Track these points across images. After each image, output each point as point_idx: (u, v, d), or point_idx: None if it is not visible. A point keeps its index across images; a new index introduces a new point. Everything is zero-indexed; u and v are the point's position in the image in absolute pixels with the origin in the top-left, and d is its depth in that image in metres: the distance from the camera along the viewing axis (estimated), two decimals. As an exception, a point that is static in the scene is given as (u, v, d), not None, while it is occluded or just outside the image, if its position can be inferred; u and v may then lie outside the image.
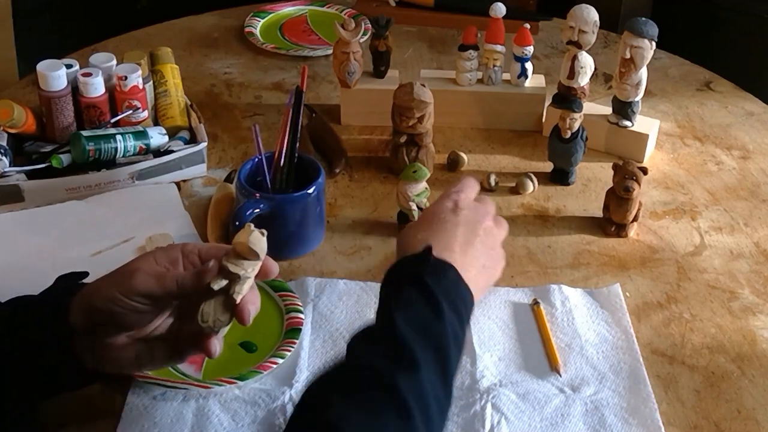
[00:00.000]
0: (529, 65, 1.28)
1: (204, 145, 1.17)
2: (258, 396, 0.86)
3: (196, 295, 0.71)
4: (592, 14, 1.19)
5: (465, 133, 1.31)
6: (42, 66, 1.14)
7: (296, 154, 1.05)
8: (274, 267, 0.74)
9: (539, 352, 0.93)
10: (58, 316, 0.73)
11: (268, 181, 1.05)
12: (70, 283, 0.82)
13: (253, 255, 0.70)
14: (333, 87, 1.39)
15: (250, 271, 0.70)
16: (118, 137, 1.13)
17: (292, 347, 0.91)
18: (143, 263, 0.73)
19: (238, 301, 0.70)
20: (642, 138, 1.24)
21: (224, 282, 0.70)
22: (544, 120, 1.30)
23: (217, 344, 0.73)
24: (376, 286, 1.01)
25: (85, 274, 0.93)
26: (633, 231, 1.11)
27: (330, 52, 1.35)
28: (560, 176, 1.20)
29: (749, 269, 1.06)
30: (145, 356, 0.75)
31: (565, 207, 1.16)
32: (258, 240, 0.70)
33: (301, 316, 0.95)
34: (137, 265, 0.72)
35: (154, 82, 1.23)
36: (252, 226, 0.70)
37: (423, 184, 1.06)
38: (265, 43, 1.52)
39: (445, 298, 0.71)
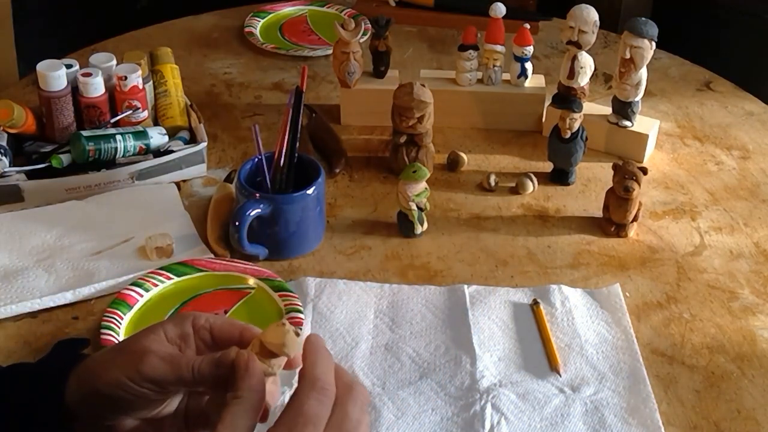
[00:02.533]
0: (529, 65, 1.28)
1: (204, 145, 1.17)
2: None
3: (212, 383, 0.62)
4: (592, 14, 1.19)
5: (465, 133, 1.31)
6: (42, 66, 1.14)
7: (296, 154, 1.05)
8: (299, 362, 0.62)
9: (539, 352, 0.93)
10: (55, 395, 0.64)
11: (268, 181, 1.05)
12: (67, 355, 0.72)
13: (284, 354, 0.60)
14: (333, 87, 1.39)
15: (275, 368, 0.61)
16: (118, 137, 1.13)
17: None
18: (153, 342, 0.63)
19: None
20: (642, 138, 1.24)
21: None
22: (544, 120, 1.30)
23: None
24: (376, 286, 1.01)
25: (85, 342, 0.90)
26: (633, 231, 1.11)
27: (330, 52, 1.35)
28: (560, 176, 1.20)
29: (749, 269, 1.06)
30: None
31: (565, 207, 1.16)
32: (293, 343, 0.59)
33: (301, 316, 0.95)
34: (147, 345, 0.62)
35: (154, 82, 1.23)
36: (286, 324, 0.60)
37: (423, 184, 1.06)
38: (265, 43, 1.52)
39: None
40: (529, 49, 1.26)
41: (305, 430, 0.56)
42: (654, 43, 1.16)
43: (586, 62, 1.23)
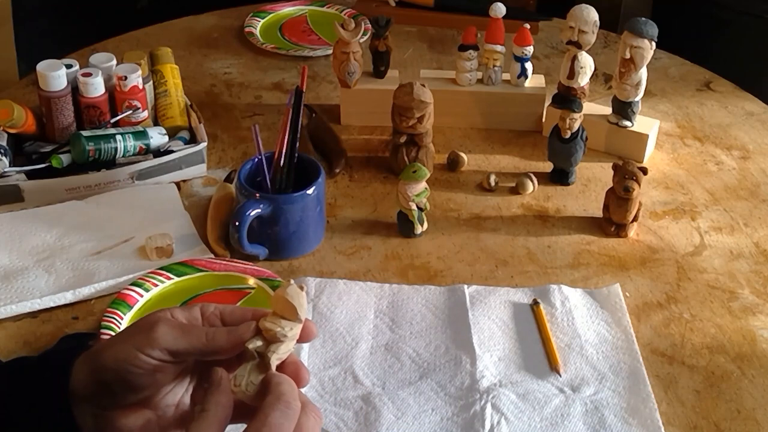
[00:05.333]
0: (529, 65, 1.28)
1: (204, 145, 1.17)
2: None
3: (224, 356, 0.64)
4: (592, 14, 1.19)
5: (465, 133, 1.31)
6: (42, 66, 1.14)
7: (296, 154, 1.05)
8: (314, 328, 0.65)
9: (539, 352, 0.93)
10: (58, 381, 0.64)
11: (268, 181, 1.05)
12: (73, 343, 0.75)
13: (293, 313, 0.63)
14: (333, 87, 1.39)
15: (288, 330, 0.62)
16: (118, 137, 1.13)
17: (292, 347, 0.91)
18: (161, 317, 0.64)
19: (273, 364, 0.63)
20: (642, 138, 1.24)
21: (260, 343, 0.63)
22: (544, 120, 1.30)
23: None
24: (376, 286, 1.01)
25: (93, 335, 0.89)
26: (633, 231, 1.11)
27: (330, 52, 1.35)
28: (560, 176, 1.20)
29: (749, 269, 1.06)
30: (154, 427, 0.66)
31: (565, 207, 1.16)
32: (297, 295, 0.62)
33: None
34: (155, 318, 0.63)
35: (154, 82, 1.23)
36: (292, 281, 0.64)
37: (423, 184, 1.06)
38: (265, 43, 1.52)
39: None
40: (529, 49, 1.26)
41: None
42: (654, 43, 1.16)
43: (586, 62, 1.23)
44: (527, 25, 1.26)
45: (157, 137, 1.17)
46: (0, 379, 0.66)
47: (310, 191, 1.02)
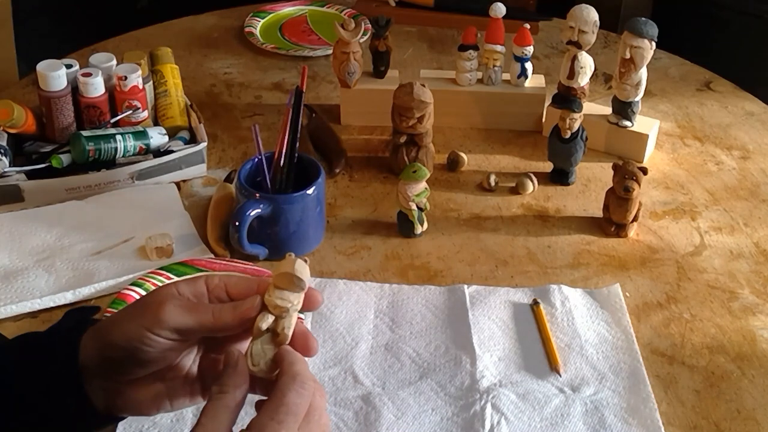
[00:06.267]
0: (529, 65, 1.28)
1: (204, 145, 1.17)
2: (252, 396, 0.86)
3: (231, 332, 0.65)
4: (592, 14, 1.19)
5: (465, 133, 1.31)
6: (42, 66, 1.14)
7: (296, 154, 1.05)
8: (319, 296, 0.67)
9: (539, 352, 0.93)
10: (68, 356, 0.65)
11: (268, 181, 1.05)
12: (79, 317, 0.76)
13: (297, 285, 0.64)
14: (333, 87, 1.39)
15: (296, 303, 0.64)
16: (118, 137, 1.13)
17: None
18: (167, 295, 0.65)
19: (288, 337, 0.64)
20: (642, 138, 1.24)
21: (272, 319, 0.64)
22: (544, 120, 1.30)
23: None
24: (376, 286, 1.01)
25: (97, 308, 0.90)
26: (633, 231, 1.11)
27: (330, 52, 1.35)
28: (560, 176, 1.20)
29: (749, 269, 1.06)
30: (164, 398, 0.68)
31: (565, 207, 1.16)
32: (303, 268, 0.64)
33: (302, 316, 0.95)
34: (162, 297, 0.64)
35: (154, 82, 1.23)
36: (293, 255, 0.65)
37: (423, 184, 1.06)
38: (265, 43, 1.52)
39: None
40: (529, 49, 1.26)
41: (287, 418, 0.59)
42: (654, 43, 1.16)
43: (586, 62, 1.23)
44: (527, 25, 1.26)
45: (157, 137, 1.17)
46: (9, 355, 0.67)
47: (310, 191, 1.02)
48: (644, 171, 1.08)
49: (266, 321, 0.64)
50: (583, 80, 1.25)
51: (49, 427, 0.67)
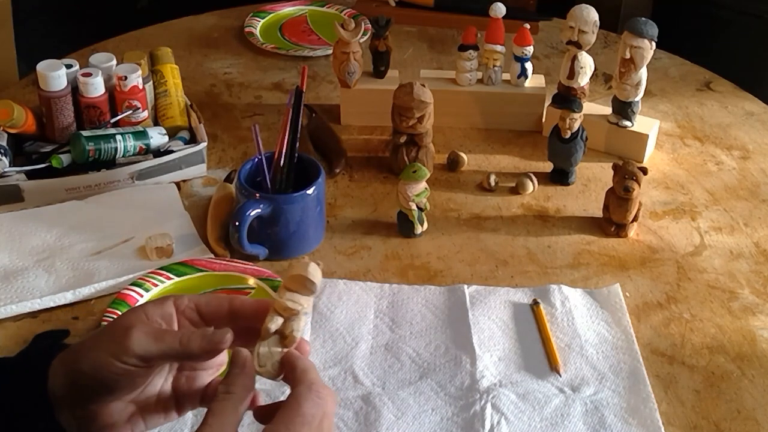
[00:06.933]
0: (529, 65, 1.28)
1: (204, 145, 1.17)
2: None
3: (199, 361, 0.66)
4: (592, 14, 1.19)
5: (465, 133, 1.31)
6: (42, 66, 1.14)
7: (296, 154, 1.05)
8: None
9: (539, 352, 0.93)
10: (37, 384, 0.63)
11: (268, 181, 1.05)
12: (48, 343, 0.75)
13: (309, 289, 0.64)
14: (333, 87, 1.39)
15: (306, 306, 0.64)
16: (118, 137, 1.13)
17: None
18: (134, 320, 0.63)
19: (297, 340, 0.64)
20: (642, 138, 1.24)
21: (281, 321, 0.64)
22: (544, 120, 1.30)
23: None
24: (376, 286, 1.01)
25: (66, 332, 0.89)
26: (633, 231, 1.11)
27: (330, 52, 1.35)
28: (560, 176, 1.20)
29: (749, 269, 1.06)
30: (138, 418, 0.67)
31: (565, 207, 1.16)
32: (316, 272, 0.63)
33: (301, 316, 0.95)
34: (129, 323, 0.63)
35: (154, 82, 1.23)
36: (306, 258, 0.65)
37: (423, 184, 1.06)
38: (265, 43, 1.52)
39: None
40: (529, 49, 1.26)
41: (302, 429, 0.59)
42: (654, 43, 1.16)
43: (586, 62, 1.23)
44: (527, 25, 1.26)
45: (157, 137, 1.17)
46: None
47: (310, 191, 1.02)
48: (644, 171, 1.08)
49: (275, 323, 0.64)
50: (583, 80, 1.25)
51: None
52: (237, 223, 0.99)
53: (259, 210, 1.00)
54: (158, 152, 1.16)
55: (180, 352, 0.62)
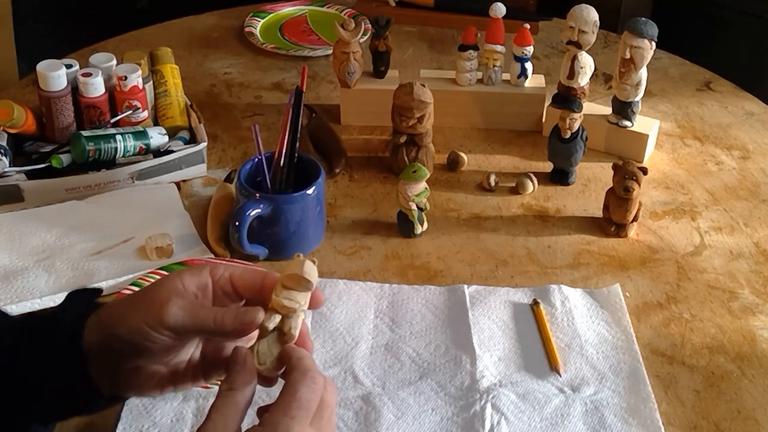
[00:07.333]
0: (529, 65, 1.28)
1: (204, 145, 1.17)
2: (257, 396, 0.86)
3: (230, 338, 0.67)
4: (592, 14, 1.19)
5: (465, 133, 1.31)
6: (42, 66, 1.14)
7: (296, 154, 1.05)
8: (322, 296, 0.68)
9: (539, 352, 0.93)
10: (73, 340, 0.66)
11: (268, 181, 1.05)
12: (83, 301, 0.77)
13: (305, 286, 0.65)
14: (333, 87, 1.39)
15: (303, 303, 0.65)
16: (118, 137, 1.13)
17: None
18: (172, 292, 0.65)
19: (295, 337, 0.65)
20: (642, 138, 1.24)
21: (278, 318, 0.65)
22: (544, 120, 1.30)
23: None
24: (376, 286, 1.01)
25: (99, 291, 0.90)
26: (633, 231, 1.11)
27: (330, 52, 1.35)
28: (560, 176, 1.20)
29: (749, 269, 1.06)
30: (168, 381, 0.69)
31: (565, 207, 1.16)
32: (311, 269, 0.65)
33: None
34: (166, 293, 0.65)
35: (154, 82, 1.23)
36: (301, 255, 0.66)
37: (423, 184, 1.06)
38: (265, 43, 1.52)
39: None
40: (529, 49, 1.26)
41: (299, 413, 0.61)
42: (654, 43, 1.16)
43: (586, 62, 1.23)
44: (527, 25, 1.26)
45: (157, 137, 1.17)
46: (13, 336, 0.68)
47: (310, 191, 1.02)
48: (644, 171, 1.08)
49: (273, 320, 0.65)
50: (583, 80, 1.25)
51: (54, 408, 0.68)
52: (237, 223, 0.99)
53: (259, 210, 1.00)
54: (158, 152, 1.16)
55: (213, 330, 0.65)
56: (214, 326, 0.64)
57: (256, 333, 0.66)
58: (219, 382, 0.85)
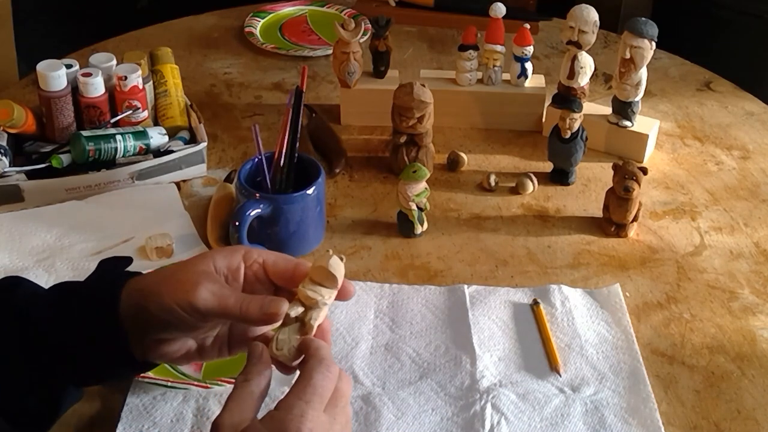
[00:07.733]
0: (529, 65, 1.28)
1: (204, 145, 1.17)
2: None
3: (254, 325, 0.71)
4: (592, 14, 1.19)
5: (465, 133, 1.31)
6: (42, 66, 1.14)
7: (296, 154, 1.05)
8: (352, 288, 0.71)
9: (539, 352, 0.93)
10: (109, 307, 0.69)
11: (268, 181, 1.05)
12: (116, 271, 0.79)
13: (332, 282, 0.67)
14: (333, 87, 1.39)
15: (327, 298, 0.68)
16: (118, 137, 1.13)
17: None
18: (203, 275, 0.68)
19: (314, 329, 0.67)
20: (642, 138, 1.24)
21: (301, 309, 0.67)
22: (544, 120, 1.30)
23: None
24: (376, 286, 1.01)
25: (129, 259, 0.92)
26: (633, 231, 1.11)
27: (330, 52, 1.35)
28: (560, 176, 1.20)
29: (749, 269, 1.06)
30: (195, 353, 0.73)
31: (565, 207, 1.16)
32: (338, 265, 0.67)
33: (301, 316, 0.95)
34: (197, 277, 0.67)
35: (154, 82, 1.23)
36: (331, 251, 0.68)
37: (423, 184, 1.06)
38: (265, 43, 1.52)
39: None
40: (529, 49, 1.26)
41: (313, 398, 0.63)
42: (654, 43, 1.16)
43: (586, 62, 1.23)
44: (527, 25, 1.26)
45: (157, 137, 1.17)
46: (52, 305, 0.70)
47: (310, 191, 1.02)
48: (644, 171, 1.08)
49: (296, 310, 0.67)
50: (583, 80, 1.25)
51: (91, 372, 0.71)
52: (237, 223, 0.99)
53: (259, 210, 1.00)
54: (158, 152, 1.16)
55: (238, 317, 0.67)
56: (240, 314, 0.67)
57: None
58: (219, 382, 0.86)
